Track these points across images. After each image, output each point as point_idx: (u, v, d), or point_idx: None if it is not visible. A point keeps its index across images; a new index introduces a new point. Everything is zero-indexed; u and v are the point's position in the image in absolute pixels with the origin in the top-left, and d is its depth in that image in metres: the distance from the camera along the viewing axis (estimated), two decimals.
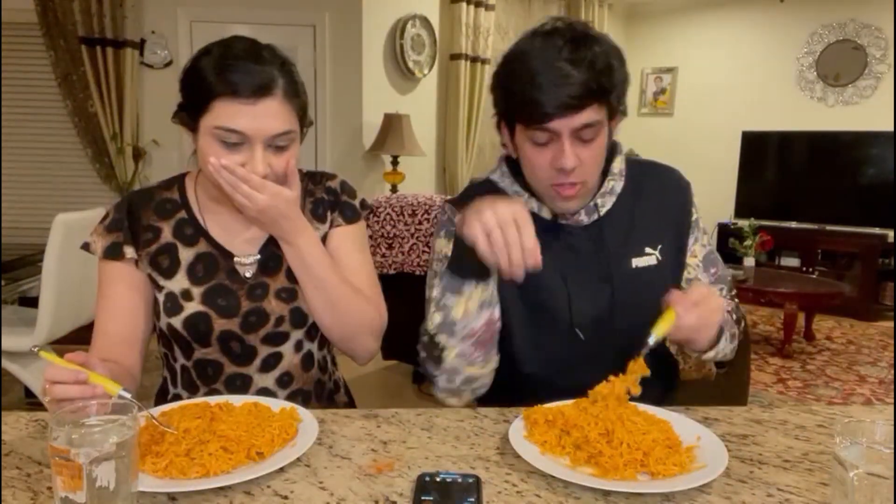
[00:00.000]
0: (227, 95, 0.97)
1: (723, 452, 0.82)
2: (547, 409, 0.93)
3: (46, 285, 2.45)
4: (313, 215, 1.17)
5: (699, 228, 1.19)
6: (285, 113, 1.00)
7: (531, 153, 1.05)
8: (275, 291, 1.11)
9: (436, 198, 2.83)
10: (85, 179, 4.06)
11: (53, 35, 3.81)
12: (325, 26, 4.09)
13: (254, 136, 0.99)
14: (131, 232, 1.10)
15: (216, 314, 1.08)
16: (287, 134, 1.01)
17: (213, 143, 1.00)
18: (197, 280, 1.10)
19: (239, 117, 0.98)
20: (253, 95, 0.97)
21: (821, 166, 5.28)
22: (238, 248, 1.13)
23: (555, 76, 0.96)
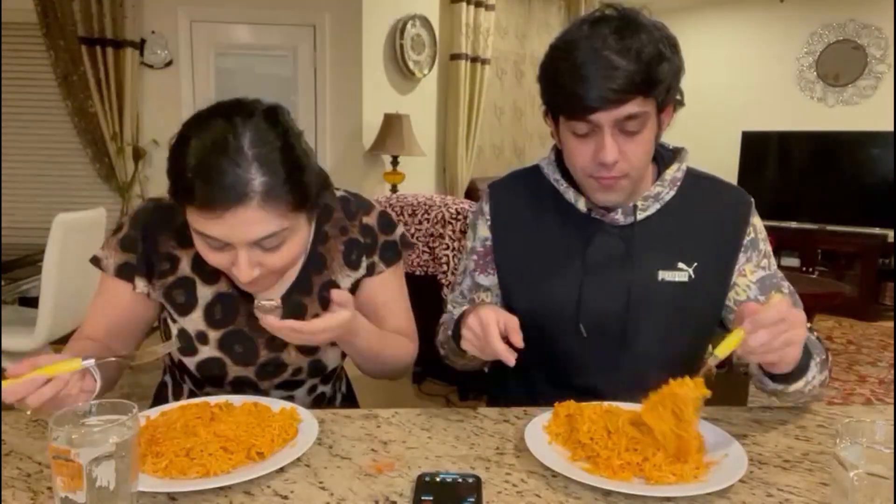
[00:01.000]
0: (194, 206, 0.86)
1: (737, 474, 0.78)
2: (574, 404, 0.94)
3: (46, 285, 2.45)
4: (345, 260, 1.09)
5: (757, 249, 1.11)
6: (266, 217, 0.86)
7: (573, 144, 1.02)
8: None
9: (436, 198, 2.83)
10: (85, 179, 4.06)
11: (53, 35, 3.81)
12: (325, 26, 4.09)
13: (233, 242, 0.88)
14: (146, 260, 1.02)
15: (231, 361, 1.04)
16: (273, 236, 0.89)
17: (197, 239, 0.91)
18: (214, 323, 1.03)
19: (210, 227, 0.87)
20: (221, 207, 0.84)
21: (821, 166, 5.27)
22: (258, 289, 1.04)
23: (598, 67, 0.93)
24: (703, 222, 1.10)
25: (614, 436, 0.84)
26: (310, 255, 1.08)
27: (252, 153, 0.84)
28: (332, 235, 1.09)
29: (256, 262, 0.91)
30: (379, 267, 1.12)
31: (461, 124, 4.85)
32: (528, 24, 5.60)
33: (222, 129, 0.85)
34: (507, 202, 1.18)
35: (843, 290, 4.21)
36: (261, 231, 0.87)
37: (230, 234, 0.87)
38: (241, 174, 0.83)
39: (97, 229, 2.73)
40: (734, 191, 1.15)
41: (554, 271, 1.11)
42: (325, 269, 1.08)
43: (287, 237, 0.92)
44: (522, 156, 5.76)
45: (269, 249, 0.91)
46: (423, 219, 2.77)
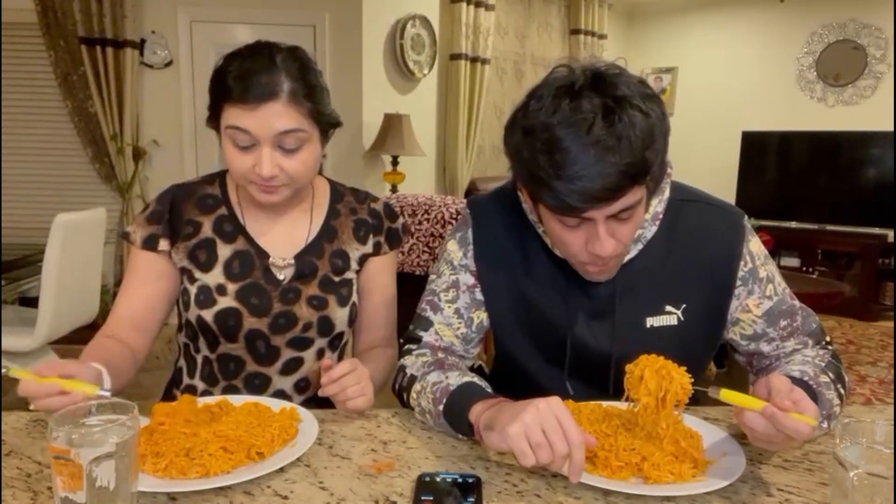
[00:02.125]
0: (232, 101, 1.01)
1: (735, 473, 0.79)
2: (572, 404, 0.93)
3: (46, 285, 2.45)
4: (354, 235, 1.21)
5: (757, 279, 1.03)
6: (290, 113, 1.02)
7: (560, 232, 0.92)
8: (307, 298, 1.14)
9: (436, 198, 2.83)
10: (85, 179, 4.06)
11: (53, 35, 3.81)
12: (325, 26, 4.09)
13: (259, 135, 1.01)
14: (170, 225, 1.13)
15: (248, 312, 1.11)
16: (294, 132, 1.03)
17: (228, 144, 1.04)
18: (233, 276, 1.13)
19: (243, 119, 1.01)
20: (255, 100, 1.00)
21: (821, 166, 5.27)
22: (275, 248, 1.16)
23: (586, 164, 0.81)
24: (690, 258, 1.01)
25: (612, 437, 0.84)
26: (323, 225, 1.20)
27: (282, 65, 1.03)
28: (343, 213, 1.22)
29: (277, 163, 1.03)
30: (384, 248, 1.24)
31: (461, 124, 4.85)
32: (528, 24, 5.59)
33: (260, 48, 1.05)
34: (490, 232, 1.08)
35: (843, 290, 4.21)
36: (283, 124, 1.02)
37: (260, 125, 1.01)
38: (272, 77, 1.01)
39: (97, 229, 2.73)
40: (723, 216, 1.04)
41: (539, 321, 1.05)
42: (336, 239, 1.20)
43: (304, 143, 1.05)
44: None
45: (288, 152, 1.04)
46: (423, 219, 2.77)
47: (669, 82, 6.39)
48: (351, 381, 0.96)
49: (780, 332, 1.05)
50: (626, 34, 6.57)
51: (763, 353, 1.08)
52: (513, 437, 0.76)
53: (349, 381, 0.96)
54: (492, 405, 0.86)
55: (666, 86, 6.42)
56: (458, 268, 1.10)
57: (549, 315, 1.04)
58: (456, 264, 1.10)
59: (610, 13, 6.14)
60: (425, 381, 0.98)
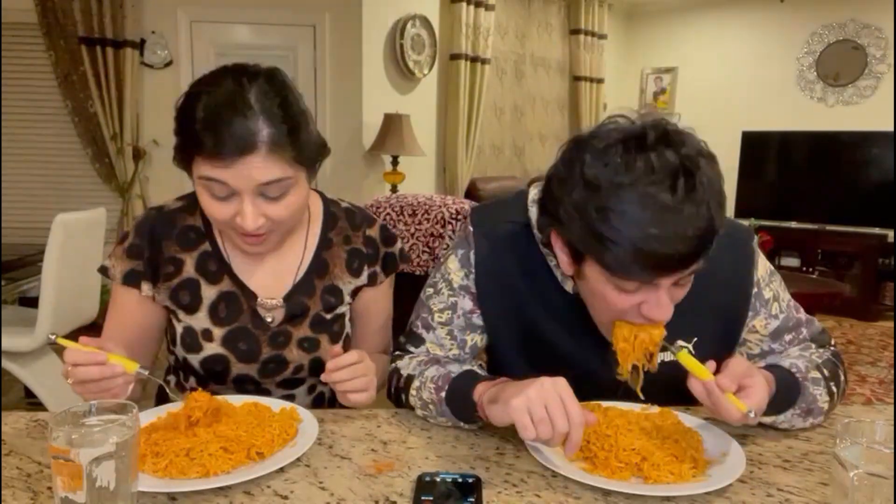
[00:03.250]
0: (205, 155, 0.91)
1: (735, 473, 0.79)
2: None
3: (46, 285, 2.44)
4: (347, 267, 1.13)
5: (763, 302, 1.01)
6: (272, 163, 0.92)
7: (611, 296, 0.85)
8: (297, 340, 1.09)
9: (436, 198, 2.83)
10: (85, 179, 4.06)
11: (53, 35, 3.81)
12: (325, 26, 4.09)
13: (239, 187, 0.92)
14: (151, 265, 1.05)
15: (235, 358, 1.07)
16: (278, 182, 0.93)
17: (203, 193, 0.96)
18: (219, 321, 1.06)
19: (220, 173, 0.91)
20: (231, 155, 0.89)
21: (821, 166, 5.27)
22: (263, 287, 1.08)
23: (666, 230, 0.75)
24: (701, 291, 0.92)
25: (612, 437, 0.84)
26: (314, 259, 1.12)
27: (258, 107, 0.91)
28: (335, 243, 1.14)
29: (261, 212, 0.95)
30: (380, 277, 1.17)
31: (461, 124, 4.85)
32: (528, 24, 5.59)
33: (230, 85, 0.92)
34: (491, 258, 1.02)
35: (843, 290, 4.21)
36: (266, 176, 0.92)
37: (237, 180, 0.91)
38: (250, 126, 0.90)
39: (97, 229, 2.73)
40: (731, 242, 0.97)
41: (544, 352, 1.01)
42: (327, 274, 1.12)
43: (289, 188, 0.96)
44: (522, 156, 5.76)
45: (273, 199, 0.95)
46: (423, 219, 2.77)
47: (669, 82, 6.39)
48: (358, 371, 0.95)
49: (784, 346, 1.05)
50: (626, 34, 6.57)
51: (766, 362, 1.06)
52: (515, 410, 0.78)
53: (357, 370, 0.95)
54: (496, 384, 0.88)
55: (666, 86, 6.42)
56: (457, 290, 1.05)
57: (555, 346, 1.01)
58: (455, 286, 1.05)
59: (610, 13, 6.14)
60: (424, 376, 0.99)
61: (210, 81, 0.94)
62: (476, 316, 1.05)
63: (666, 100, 6.42)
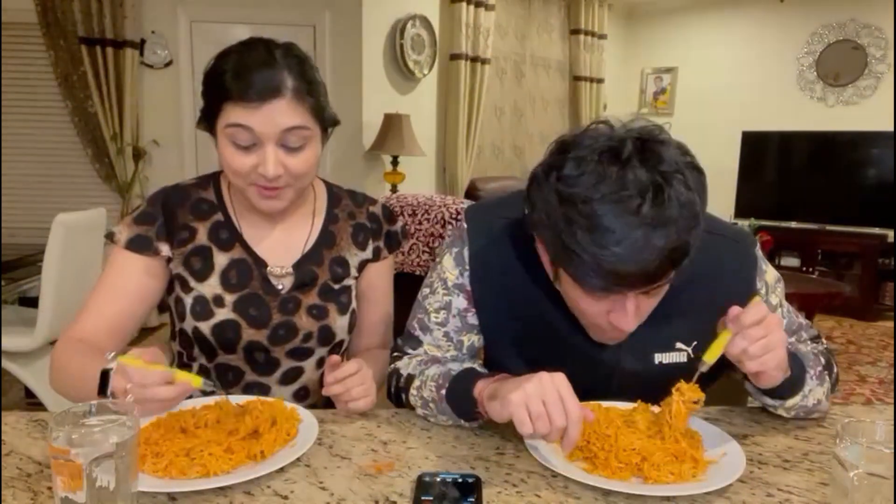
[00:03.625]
0: (233, 101, 0.97)
1: (735, 473, 0.79)
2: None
3: (46, 285, 2.44)
4: (353, 240, 1.19)
5: (769, 306, 1.01)
6: (295, 110, 0.99)
7: (580, 300, 0.87)
8: (306, 307, 1.12)
9: (436, 198, 2.83)
10: (85, 179, 4.06)
11: (53, 35, 3.81)
12: (325, 26, 4.09)
13: (263, 134, 0.98)
14: (167, 229, 1.09)
15: (246, 324, 1.08)
16: (299, 129, 1.00)
17: (227, 145, 1.01)
18: (230, 287, 1.09)
19: (247, 117, 0.98)
20: (259, 99, 0.96)
21: (821, 166, 5.27)
22: (273, 256, 1.12)
23: (629, 247, 0.75)
24: (703, 296, 0.94)
25: (612, 437, 0.84)
26: (321, 231, 1.17)
27: (283, 62, 0.99)
28: (341, 218, 1.19)
29: (281, 162, 1.00)
30: (383, 252, 1.22)
31: (461, 124, 4.85)
32: (528, 24, 5.59)
33: (258, 45, 1.01)
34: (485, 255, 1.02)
35: (843, 290, 4.21)
36: (288, 121, 0.98)
37: (263, 124, 0.97)
38: (275, 74, 0.98)
39: (97, 229, 2.73)
40: (735, 248, 1.00)
41: (540, 350, 1.01)
42: (335, 245, 1.17)
43: (308, 141, 1.02)
44: (522, 156, 5.76)
45: (292, 151, 1.01)
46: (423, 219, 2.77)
47: (669, 82, 6.39)
48: (356, 382, 0.97)
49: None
50: (626, 34, 6.57)
51: None
52: (514, 405, 0.78)
53: (354, 381, 0.97)
54: (496, 380, 0.89)
55: (666, 86, 6.42)
56: (451, 289, 1.04)
57: (552, 346, 1.00)
58: (450, 284, 1.05)
59: (610, 13, 6.14)
60: (424, 375, 0.99)
61: (236, 46, 1.02)
62: (471, 315, 1.05)
63: (666, 100, 6.42)
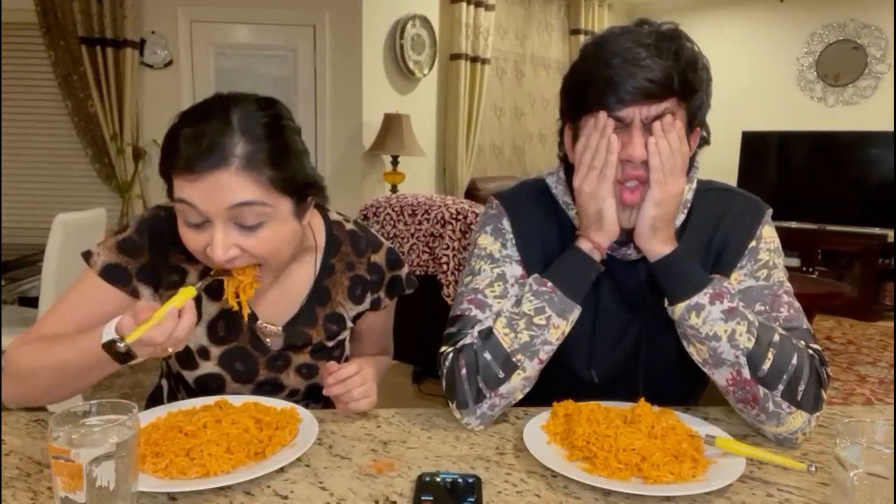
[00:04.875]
0: (177, 170, 0.87)
1: (735, 474, 0.79)
2: (572, 404, 0.94)
3: (46, 285, 2.45)
4: (349, 295, 1.10)
5: (753, 259, 1.01)
6: (244, 185, 0.86)
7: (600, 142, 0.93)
8: (296, 366, 1.07)
9: (436, 198, 2.83)
10: (85, 179, 4.06)
11: (53, 35, 3.81)
12: (325, 26, 4.09)
13: (207, 211, 0.87)
14: (153, 270, 1.00)
15: (231, 378, 1.04)
16: (250, 206, 0.87)
17: (179, 221, 0.91)
18: (217, 339, 1.03)
19: (190, 190, 0.87)
20: (199, 169, 0.85)
21: (821, 166, 5.27)
22: (266, 310, 1.06)
23: (635, 58, 0.88)
24: (716, 241, 1.02)
25: (612, 437, 0.84)
26: (314, 287, 1.09)
27: (238, 125, 0.87)
28: (338, 270, 1.10)
29: (233, 243, 0.89)
30: (384, 302, 1.15)
31: (461, 124, 4.85)
32: (528, 24, 5.59)
33: (216, 106, 0.90)
34: (527, 220, 1.07)
35: (843, 290, 4.21)
36: (237, 197, 0.86)
37: (207, 200, 0.86)
38: (225, 140, 0.86)
39: (97, 229, 2.73)
40: (746, 201, 1.06)
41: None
42: (329, 302, 1.10)
43: (268, 219, 0.90)
44: (522, 156, 5.76)
45: (247, 229, 0.89)
46: (423, 219, 2.77)
47: None
48: (357, 382, 0.96)
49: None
50: None
51: None
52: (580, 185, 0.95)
53: (355, 381, 0.96)
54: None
55: None
56: (500, 260, 1.04)
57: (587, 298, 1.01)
58: (497, 256, 1.04)
59: (610, 13, 6.14)
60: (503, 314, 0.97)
61: (199, 104, 0.92)
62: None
63: None
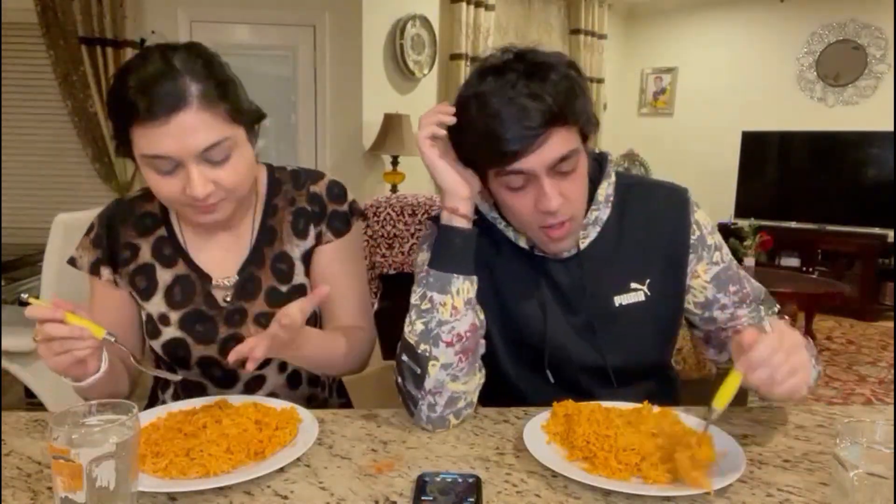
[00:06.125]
0: (139, 120, 0.89)
1: (735, 474, 0.78)
2: (572, 404, 0.94)
3: (46, 285, 2.44)
4: (293, 229, 1.10)
5: (705, 246, 1.08)
6: (208, 123, 0.91)
7: (511, 200, 0.97)
8: (253, 317, 1.06)
9: (436, 198, 2.83)
10: (85, 179, 4.06)
11: (53, 35, 3.80)
12: (325, 26, 4.09)
13: (181, 157, 0.91)
14: (110, 250, 1.07)
15: (194, 340, 1.06)
16: (218, 144, 0.92)
17: (150, 172, 0.95)
18: (174, 304, 1.06)
19: (158, 141, 0.90)
20: (164, 113, 0.88)
21: (821, 166, 5.28)
22: (217, 268, 1.08)
23: (513, 111, 0.90)
24: (644, 234, 1.06)
25: (612, 437, 0.84)
26: (260, 227, 1.10)
27: (183, 67, 0.91)
28: (281, 207, 1.11)
29: (208, 178, 0.93)
30: (327, 236, 1.11)
31: None
32: (528, 24, 5.59)
33: (155, 56, 0.93)
34: None
35: (843, 290, 4.21)
36: (204, 139, 0.91)
37: (177, 145, 0.90)
38: (177, 84, 0.90)
39: None
40: (669, 192, 1.10)
41: (517, 315, 1.07)
42: (275, 241, 1.10)
43: (232, 150, 0.95)
44: None
45: (217, 164, 0.94)
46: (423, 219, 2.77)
47: (669, 82, 6.39)
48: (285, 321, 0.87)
49: (731, 298, 1.09)
50: (626, 34, 6.57)
51: (718, 322, 1.10)
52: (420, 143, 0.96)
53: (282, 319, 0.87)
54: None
55: (666, 86, 6.42)
56: None
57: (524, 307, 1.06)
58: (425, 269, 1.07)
59: (610, 13, 6.14)
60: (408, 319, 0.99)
61: (135, 59, 0.94)
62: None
63: (666, 100, 6.42)
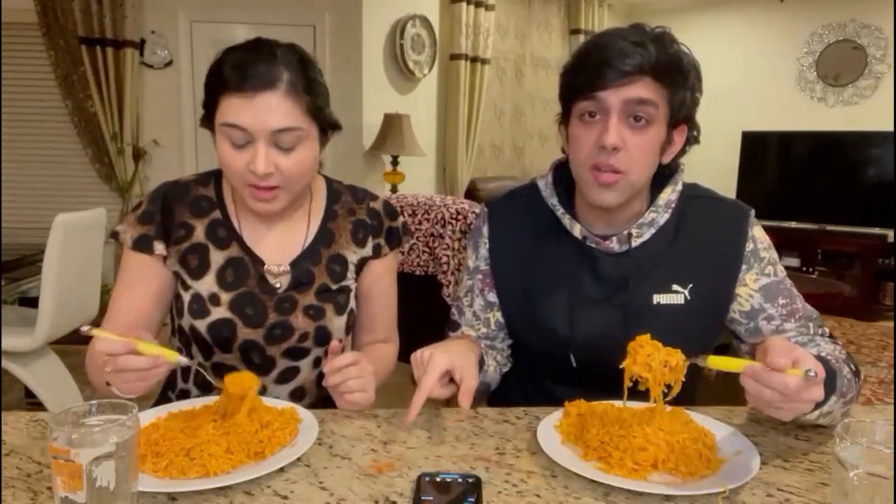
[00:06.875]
0: (229, 91, 0.98)
1: (746, 475, 0.78)
2: (584, 403, 0.95)
3: (46, 285, 2.44)
4: (352, 237, 1.18)
5: (758, 258, 1.08)
6: (288, 108, 0.99)
7: (578, 131, 1.02)
8: (303, 307, 1.11)
9: (436, 198, 2.83)
10: (85, 179, 4.06)
11: (53, 35, 3.81)
12: (325, 26, 4.09)
13: (254, 131, 0.98)
14: (163, 227, 1.09)
15: (242, 323, 1.08)
16: (291, 130, 0.99)
17: (223, 143, 1.01)
18: (226, 285, 1.09)
19: (240, 112, 0.98)
20: (252, 89, 0.97)
21: (821, 166, 5.27)
22: (270, 254, 1.12)
23: (618, 47, 0.95)
24: (698, 242, 1.08)
25: (626, 437, 0.83)
26: (320, 229, 1.16)
27: (281, 57, 1.01)
28: (340, 214, 1.19)
29: (272, 161, 1.00)
30: (384, 249, 1.21)
31: (461, 124, 4.85)
32: (528, 24, 5.59)
33: (257, 42, 1.03)
34: (505, 226, 1.17)
35: (843, 290, 4.21)
36: (280, 121, 0.98)
37: (255, 120, 0.97)
38: (272, 68, 0.99)
39: (97, 229, 2.73)
40: (731, 206, 1.13)
41: (547, 300, 1.10)
42: (333, 244, 1.17)
43: (301, 141, 1.02)
44: (522, 156, 5.76)
45: (285, 150, 1.01)
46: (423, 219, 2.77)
47: None
48: (353, 374, 0.97)
49: (779, 311, 1.08)
50: None
51: (763, 334, 1.09)
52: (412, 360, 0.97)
53: (352, 372, 0.96)
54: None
55: None
56: (471, 272, 1.20)
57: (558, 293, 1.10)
58: (471, 268, 1.20)
59: (610, 13, 6.14)
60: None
61: (243, 42, 1.03)
62: (487, 292, 1.18)
63: None
